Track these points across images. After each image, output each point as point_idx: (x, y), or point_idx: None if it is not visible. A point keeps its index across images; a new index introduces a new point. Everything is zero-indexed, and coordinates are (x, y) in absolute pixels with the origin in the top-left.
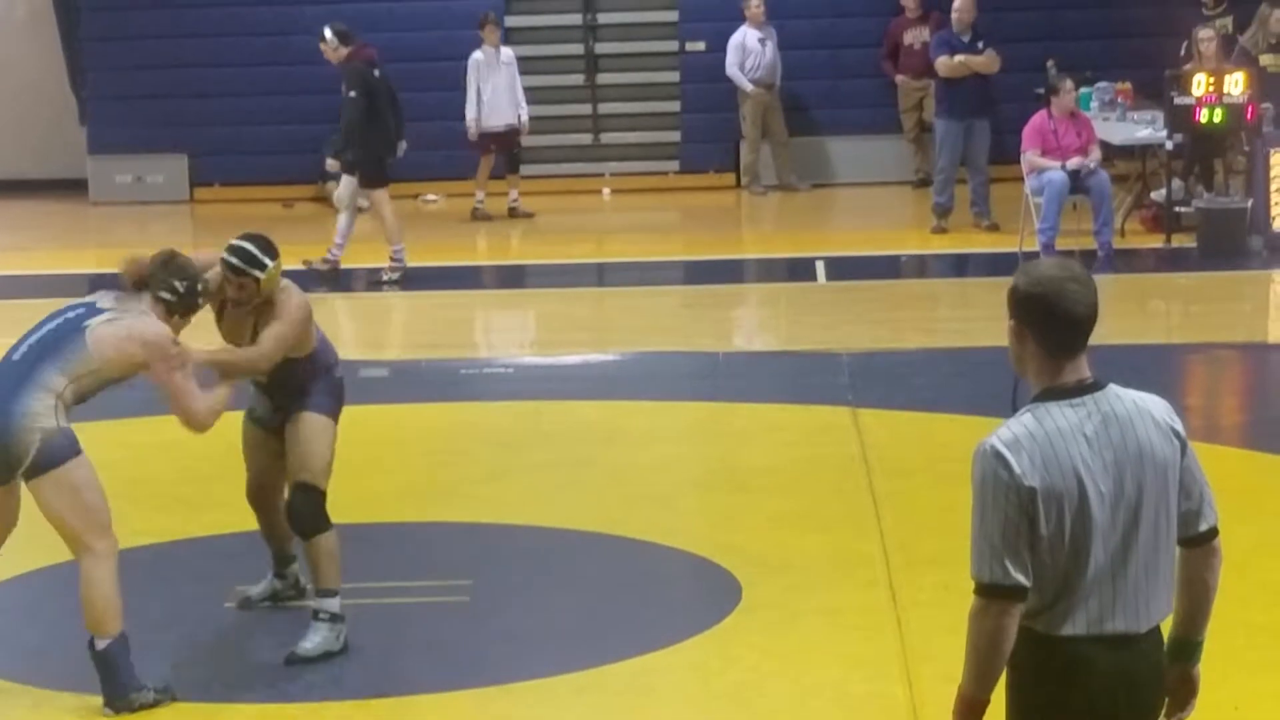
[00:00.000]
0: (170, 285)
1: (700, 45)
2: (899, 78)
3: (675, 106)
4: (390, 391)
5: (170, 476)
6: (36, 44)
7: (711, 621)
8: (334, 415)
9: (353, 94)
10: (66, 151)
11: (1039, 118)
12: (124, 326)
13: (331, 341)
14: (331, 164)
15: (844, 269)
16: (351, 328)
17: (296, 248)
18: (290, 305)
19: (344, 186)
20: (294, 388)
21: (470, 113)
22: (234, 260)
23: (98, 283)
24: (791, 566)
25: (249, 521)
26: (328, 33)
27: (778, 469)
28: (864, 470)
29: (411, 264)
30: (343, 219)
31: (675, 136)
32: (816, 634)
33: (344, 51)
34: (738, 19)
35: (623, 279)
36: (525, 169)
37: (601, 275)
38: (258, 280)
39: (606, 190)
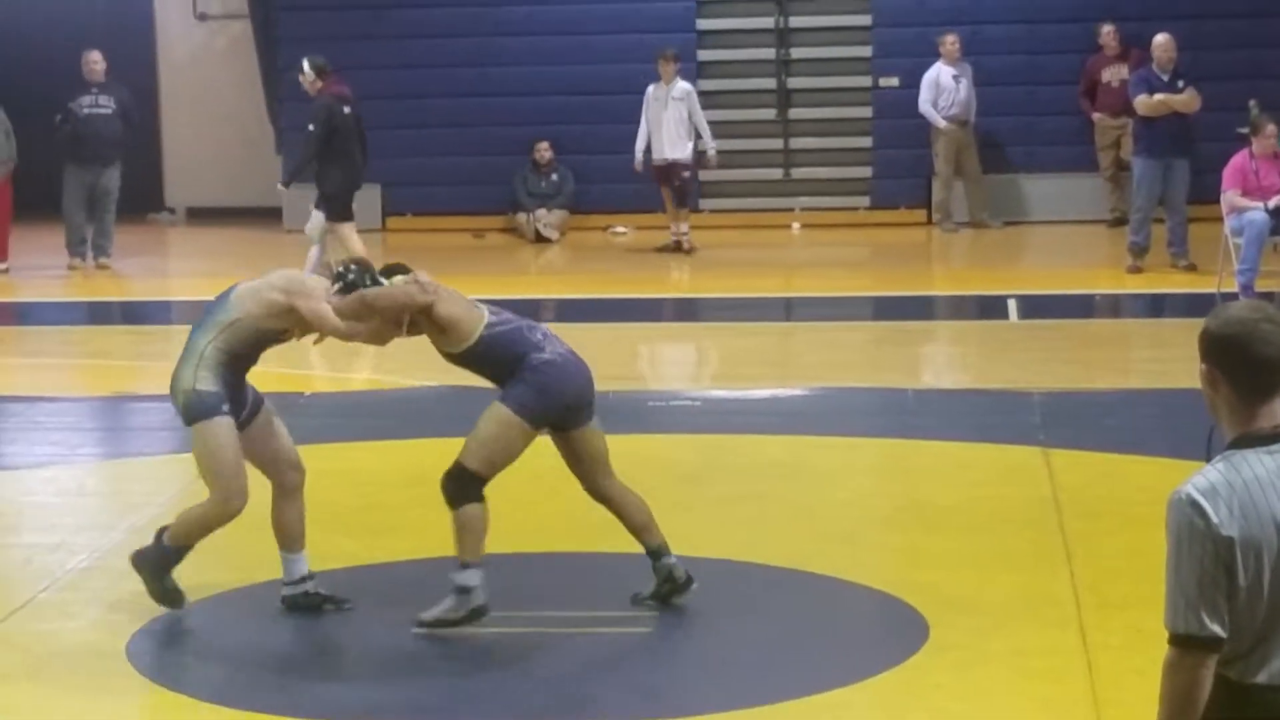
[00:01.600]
0: (343, 265)
1: (894, 81)
2: (1096, 115)
3: (867, 142)
4: None
5: (352, 502)
6: (236, 74)
7: (898, 660)
8: (517, 403)
9: (311, 128)
10: (263, 179)
11: (1240, 157)
12: (264, 280)
13: (528, 332)
14: (280, 187)
15: (1037, 307)
16: None
17: (486, 278)
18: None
19: (313, 221)
20: (490, 378)
21: (638, 145)
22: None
23: None
24: (980, 606)
25: (432, 548)
26: (306, 65)
27: (967, 508)
28: (1055, 511)
29: (602, 295)
30: (313, 252)
31: (867, 172)
32: (1005, 675)
33: (319, 85)
34: (931, 55)
35: (811, 314)
36: (714, 203)
37: (790, 310)
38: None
39: (796, 225)
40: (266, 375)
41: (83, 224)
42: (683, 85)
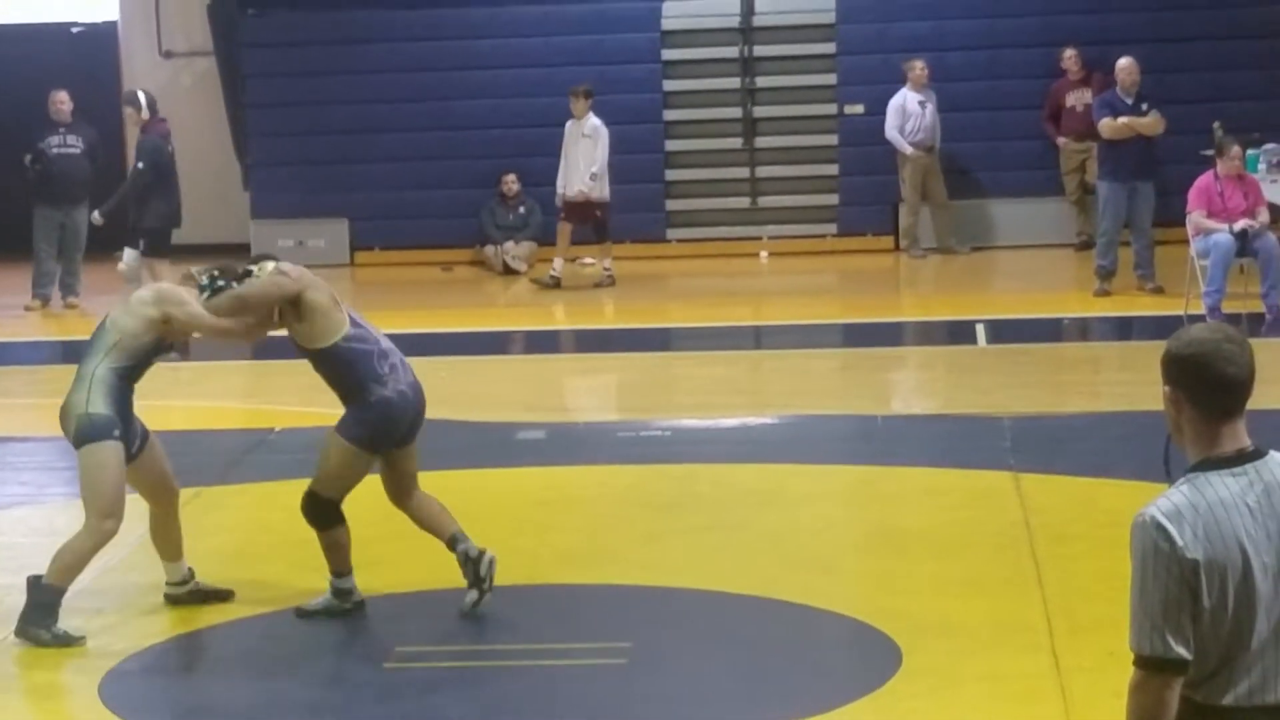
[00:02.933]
0: (205, 272)
1: (859, 108)
2: (1061, 140)
3: (834, 169)
4: (547, 453)
5: None
6: (202, 110)
7: (871, 686)
8: (356, 440)
9: (140, 165)
10: (230, 216)
11: (1205, 179)
12: (134, 298)
13: (377, 360)
14: (96, 217)
15: (1005, 332)
16: (509, 390)
17: (455, 311)
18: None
19: (128, 257)
20: (336, 395)
21: (559, 181)
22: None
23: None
24: (953, 631)
25: (409, 582)
26: (141, 97)
27: (938, 533)
28: (1026, 535)
29: (570, 326)
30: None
31: (834, 199)
32: (978, 700)
33: (147, 120)
34: (896, 82)
35: (780, 341)
36: (681, 232)
37: (759, 338)
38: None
39: (764, 253)
40: (235, 412)
41: (52, 264)
42: (593, 121)
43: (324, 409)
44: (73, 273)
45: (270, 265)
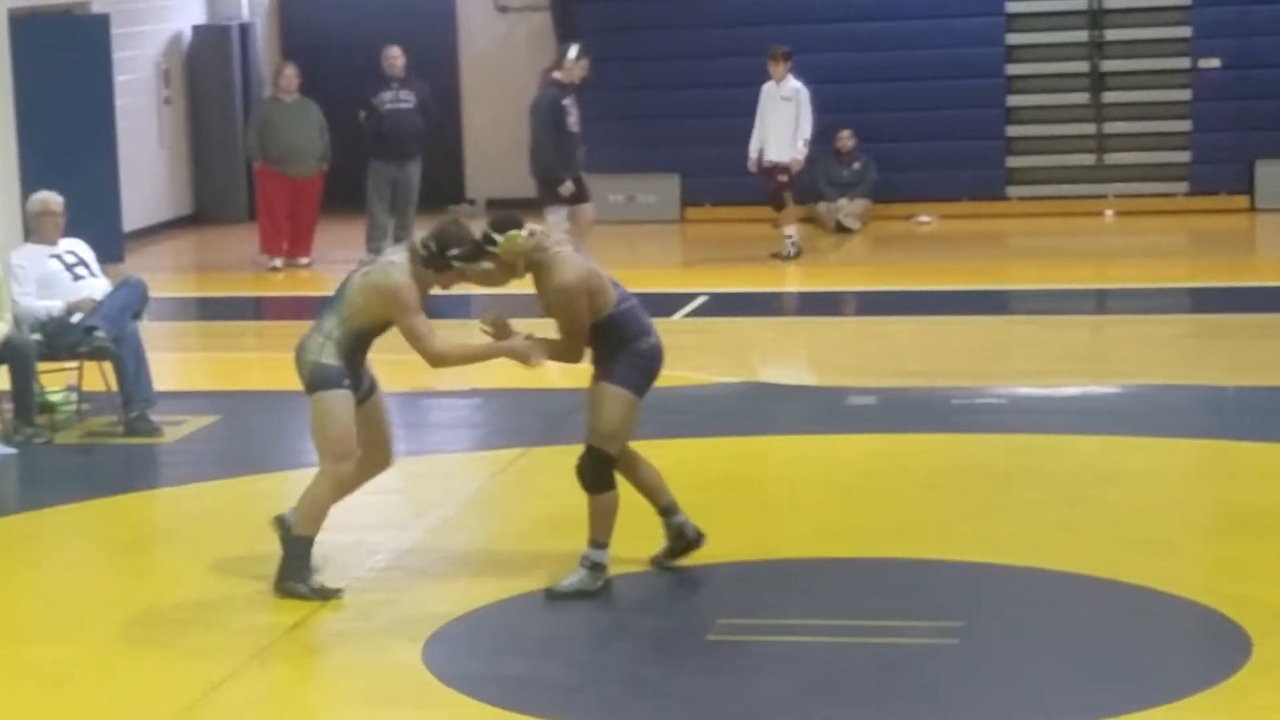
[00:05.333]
0: (426, 243)
1: (1214, 62)
2: None
3: (1186, 126)
4: (879, 420)
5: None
6: (536, 66)
7: (1218, 678)
8: (631, 386)
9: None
10: None
11: None
12: (368, 279)
13: (643, 313)
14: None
15: None
16: (840, 353)
17: (784, 269)
18: (550, 287)
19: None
20: (595, 355)
21: (751, 145)
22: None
23: None
24: None
25: (733, 552)
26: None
27: None
28: None
29: (904, 287)
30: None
31: (1185, 157)
32: None
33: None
34: (1252, 34)
35: (1124, 306)
36: (1023, 189)
37: (1102, 302)
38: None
39: (1109, 212)
40: (557, 371)
41: (385, 218)
42: (792, 84)
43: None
44: (405, 227)
45: (521, 235)
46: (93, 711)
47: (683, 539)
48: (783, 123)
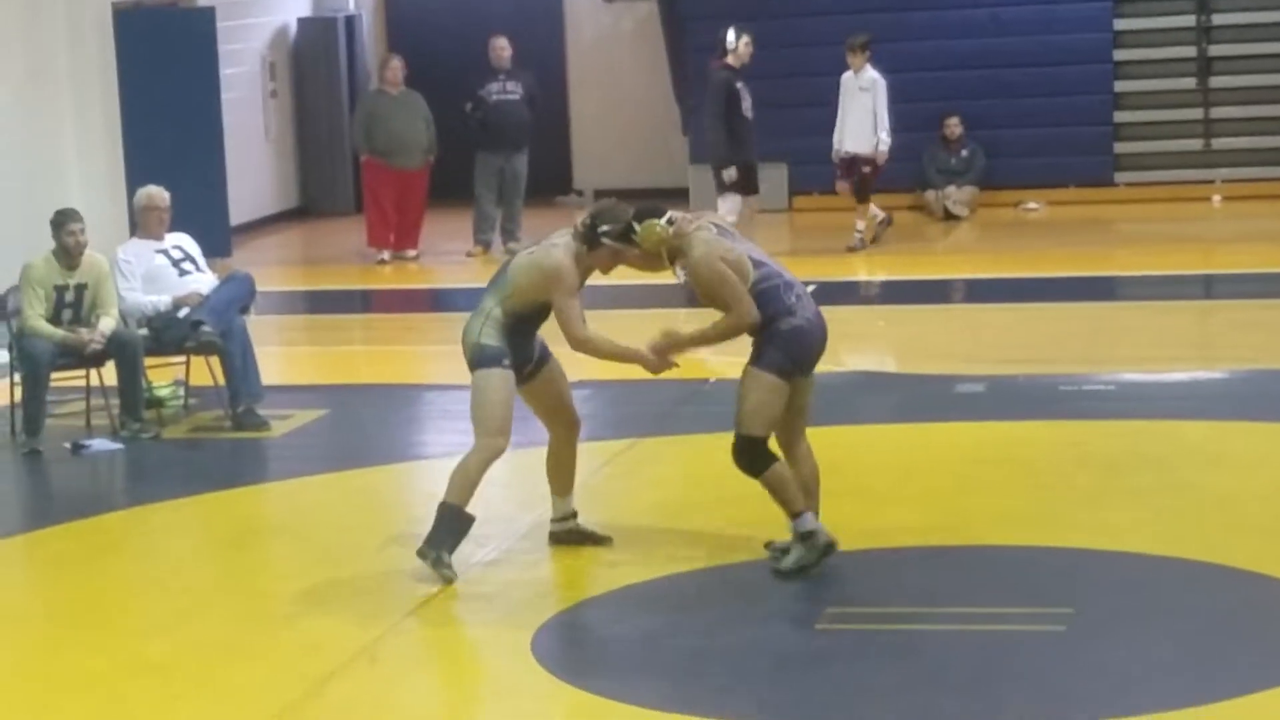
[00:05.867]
0: (584, 219)
1: None
2: None
3: None
4: (986, 408)
5: (758, 492)
6: (643, 55)
7: None
8: (773, 368)
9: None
10: (669, 161)
11: None
12: (531, 258)
13: (791, 289)
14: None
15: None
16: (948, 340)
17: (893, 258)
18: (691, 265)
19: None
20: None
21: (835, 135)
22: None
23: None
24: None
25: (843, 539)
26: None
27: None
28: None
29: (1012, 274)
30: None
31: None
32: None
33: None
34: None
35: (1233, 291)
36: (1130, 175)
37: (1210, 287)
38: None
39: (1217, 198)
40: (685, 362)
41: (492, 210)
42: (870, 74)
43: None
44: (513, 218)
45: (659, 224)
46: (201, 706)
47: (809, 540)
48: (861, 113)
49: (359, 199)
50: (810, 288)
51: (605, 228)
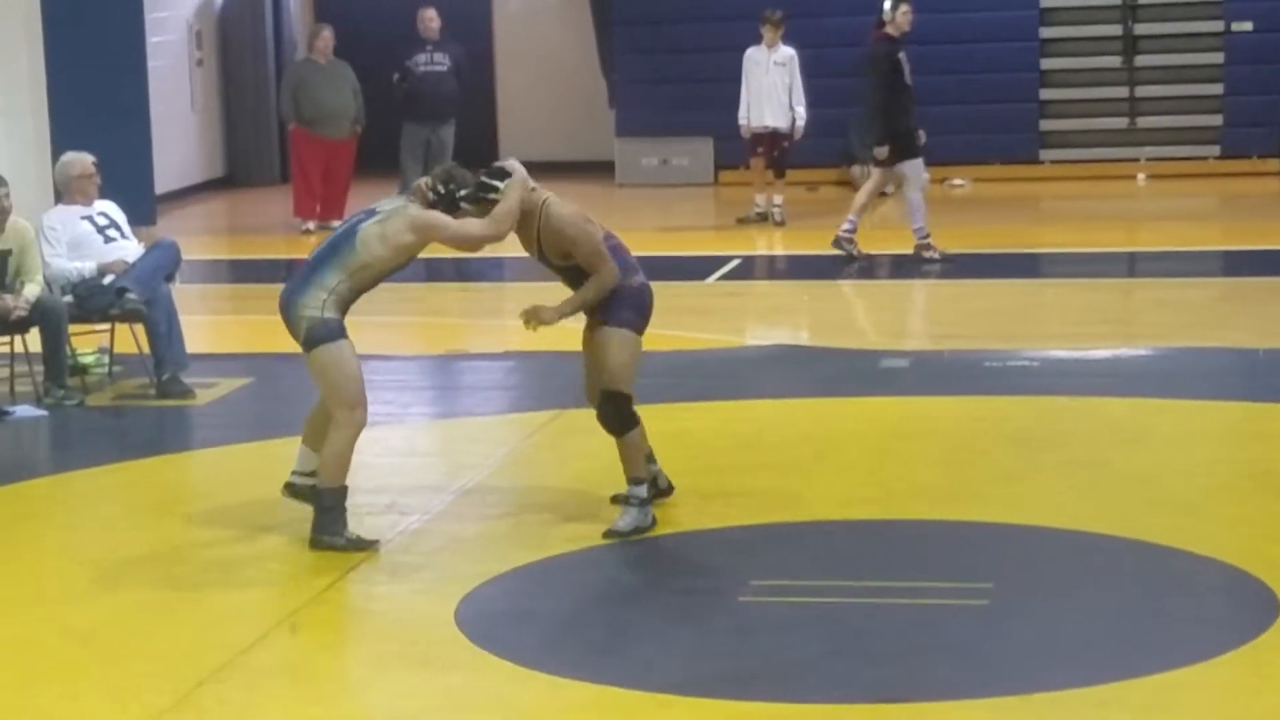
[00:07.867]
0: (434, 185)
1: (1247, 25)
2: None
3: (1218, 89)
4: (910, 383)
5: (682, 466)
6: (570, 29)
7: (1245, 638)
8: (630, 325)
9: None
10: (595, 134)
11: None
12: (391, 224)
13: (628, 252)
14: (880, 152)
15: None
16: (873, 316)
17: (817, 233)
18: (555, 223)
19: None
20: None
21: (740, 111)
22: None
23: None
24: None
25: (764, 513)
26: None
27: None
28: None
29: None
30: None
31: (1217, 120)
32: None
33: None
34: None
35: (1155, 269)
36: (1055, 153)
37: (1133, 265)
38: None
39: (1142, 176)
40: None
41: (418, 181)
42: (785, 50)
43: (687, 332)
44: None
45: (514, 182)
46: (122, 673)
47: (654, 488)
48: (779, 89)
49: (285, 169)
50: (735, 262)
51: (464, 192)
